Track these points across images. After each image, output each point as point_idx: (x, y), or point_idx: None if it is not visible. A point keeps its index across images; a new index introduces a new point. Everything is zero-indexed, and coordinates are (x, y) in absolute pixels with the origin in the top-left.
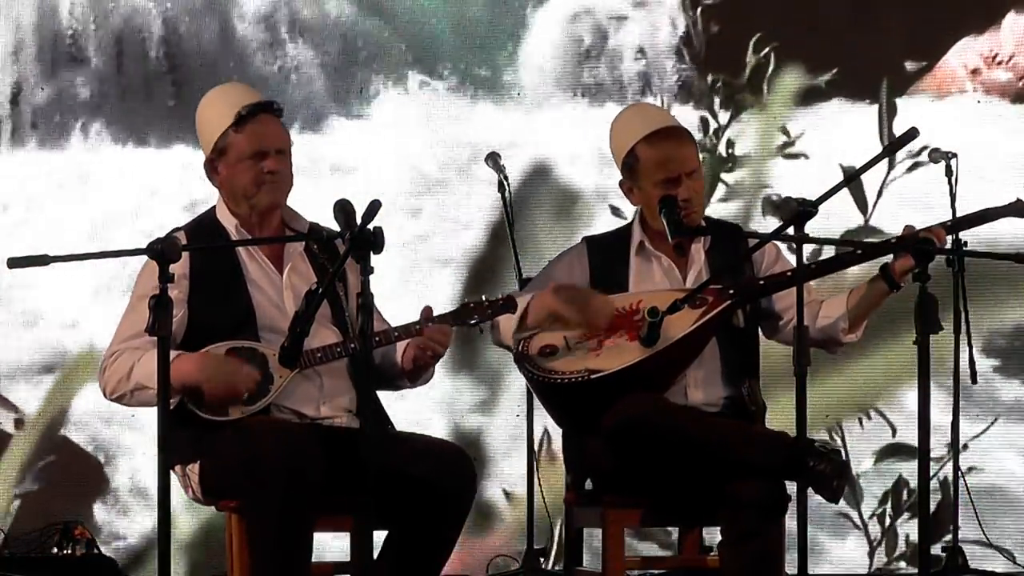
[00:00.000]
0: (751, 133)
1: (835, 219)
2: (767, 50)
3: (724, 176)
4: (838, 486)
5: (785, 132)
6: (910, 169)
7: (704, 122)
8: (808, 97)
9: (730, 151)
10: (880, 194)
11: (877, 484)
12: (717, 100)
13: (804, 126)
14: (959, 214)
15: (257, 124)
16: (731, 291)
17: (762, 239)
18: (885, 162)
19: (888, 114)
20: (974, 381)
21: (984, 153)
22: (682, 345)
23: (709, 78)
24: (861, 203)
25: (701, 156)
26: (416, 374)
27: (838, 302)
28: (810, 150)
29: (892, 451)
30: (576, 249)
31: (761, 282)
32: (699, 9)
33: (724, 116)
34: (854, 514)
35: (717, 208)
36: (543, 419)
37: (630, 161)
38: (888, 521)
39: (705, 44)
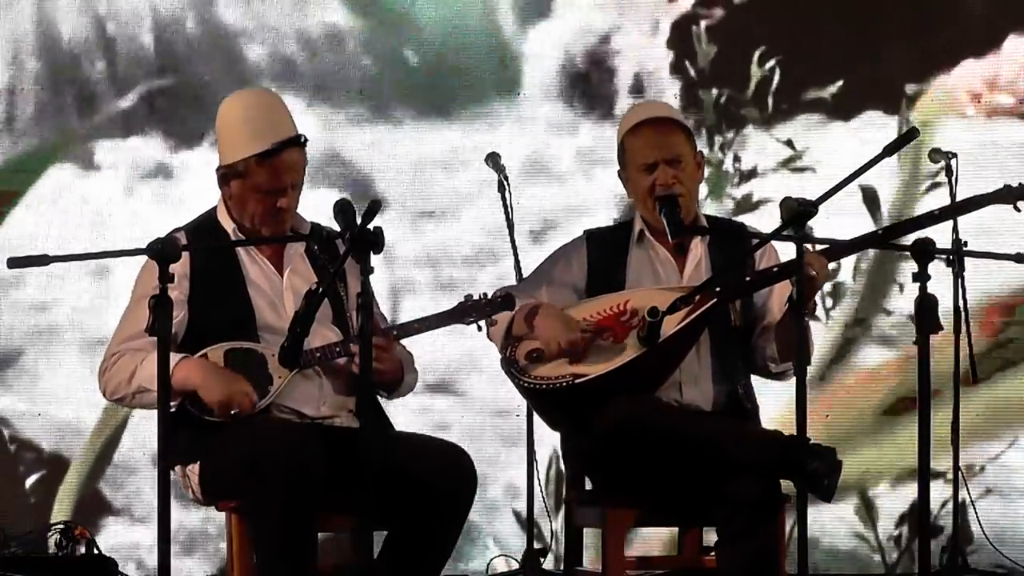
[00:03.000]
0: (757, 147)
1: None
2: (771, 63)
3: (730, 191)
4: (829, 484)
5: (791, 146)
6: (929, 189)
7: (710, 136)
8: (813, 111)
9: (736, 166)
10: (901, 214)
11: (896, 505)
12: (722, 114)
13: (810, 140)
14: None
15: (282, 160)
16: (717, 288)
17: (762, 239)
18: (904, 180)
19: (906, 127)
20: (975, 381)
21: (986, 173)
22: (668, 345)
23: (714, 92)
24: (879, 222)
25: (707, 171)
26: (386, 385)
27: (771, 332)
28: (816, 164)
29: (910, 472)
30: (575, 242)
31: (747, 279)
32: (703, 23)
33: (729, 131)
34: (870, 535)
35: None
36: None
37: (621, 152)
38: (904, 543)
39: (709, 58)
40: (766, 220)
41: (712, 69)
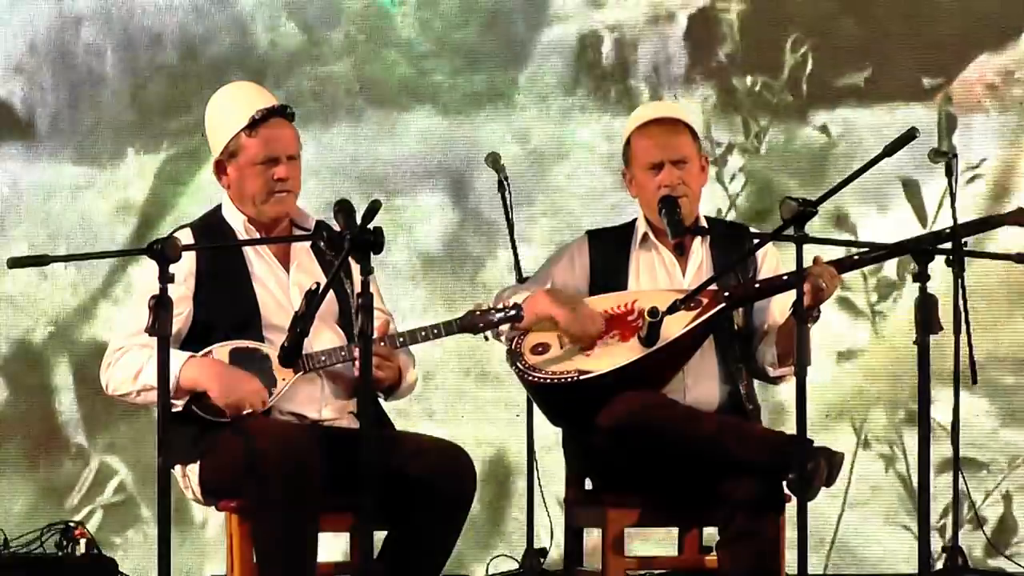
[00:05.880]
0: (792, 135)
1: (896, 232)
2: (804, 50)
3: None
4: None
5: (826, 132)
6: (970, 181)
7: (745, 124)
8: (848, 98)
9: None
10: (941, 205)
11: (938, 497)
12: (757, 102)
13: (845, 128)
14: (959, 220)
15: (270, 129)
16: (725, 293)
17: (763, 239)
18: (944, 174)
19: (947, 122)
20: (974, 381)
21: (1005, 169)
22: (674, 347)
23: (748, 80)
24: (921, 216)
25: (741, 161)
26: (384, 388)
27: (772, 335)
28: (853, 153)
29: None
30: (577, 243)
31: (756, 285)
32: (737, 11)
33: (764, 119)
34: (913, 526)
35: None
36: (543, 419)
37: (626, 151)
38: (949, 533)
39: (743, 46)
40: None
41: (745, 56)
